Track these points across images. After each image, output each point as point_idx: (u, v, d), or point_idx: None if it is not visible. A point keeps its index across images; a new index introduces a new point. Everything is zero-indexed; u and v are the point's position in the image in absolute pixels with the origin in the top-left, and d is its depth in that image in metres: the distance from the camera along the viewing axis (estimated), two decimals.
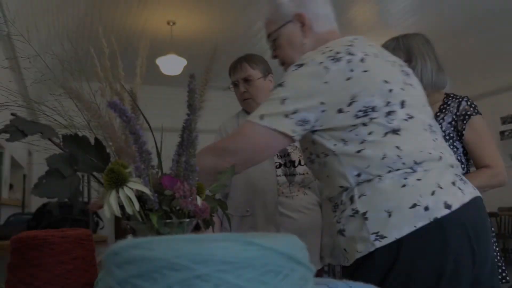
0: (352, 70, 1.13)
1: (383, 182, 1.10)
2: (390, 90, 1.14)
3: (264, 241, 0.47)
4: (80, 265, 0.93)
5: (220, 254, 0.45)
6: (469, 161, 1.86)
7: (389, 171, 1.11)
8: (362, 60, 1.15)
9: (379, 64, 1.19)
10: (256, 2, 5.21)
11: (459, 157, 1.80)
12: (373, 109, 1.12)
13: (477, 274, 1.09)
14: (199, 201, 0.79)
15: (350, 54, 1.15)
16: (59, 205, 3.66)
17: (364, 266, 1.10)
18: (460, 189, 1.12)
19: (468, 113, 1.79)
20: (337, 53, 1.15)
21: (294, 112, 1.11)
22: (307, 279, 0.51)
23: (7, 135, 0.73)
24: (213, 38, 6.22)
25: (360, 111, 1.11)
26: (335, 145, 1.14)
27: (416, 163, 1.11)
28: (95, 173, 0.82)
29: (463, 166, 1.82)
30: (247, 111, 2.07)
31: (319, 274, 2.01)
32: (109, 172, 0.72)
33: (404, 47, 1.89)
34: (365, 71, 1.14)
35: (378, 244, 1.06)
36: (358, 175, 1.13)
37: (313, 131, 1.17)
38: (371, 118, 1.11)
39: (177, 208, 0.76)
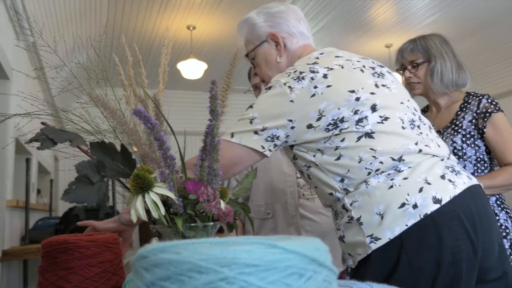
0: (316, 87, 1.17)
1: (371, 186, 1.13)
2: (357, 99, 1.17)
3: (287, 244, 0.48)
4: (108, 268, 0.95)
5: (245, 257, 0.46)
6: (492, 160, 1.83)
7: (369, 173, 1.14)
8: (324, 76, 1.19)
9: (344, 76, 1.22)
10: None
11: (481, 156, 1.78)
12: (342, 119, 1.15)
13: (482, 263, 1.09)
14: (222, 204, 0.81)
15: (312, 72, 1.20)
16: (85, 209, 3.74)
17: (364, 268, 1.13)
18: (450, 181, 1.13)
19: (489, 110, 1.76)
20: (301, 72, 1.20)
21: (263, 129, 1.17)
22: (330, 281, 0.52)
23: (38, 144, 0.76)
24: (232, 41, 6.26)
25: (329, 124, 1.15)
26: (314, 156, 1.19)
27: (394, 160, 1.13)
28: (121, 179, 0.85)
29: (486, 164, 1.79)
30: None
31: (342, 276, 2.01)
32: (135, 178, 0.75)
33: (422, 48, 1.88)
34: (329, 86, 1.17)
35: (374, 246, 1.10)
36: (341, 180, 1.17)
37: (291, 146, 1.23)
38: (342, 129, 1.15)
39: (201, 212, 0.78)
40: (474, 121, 1.78)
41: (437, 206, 1.07)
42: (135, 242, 3.51)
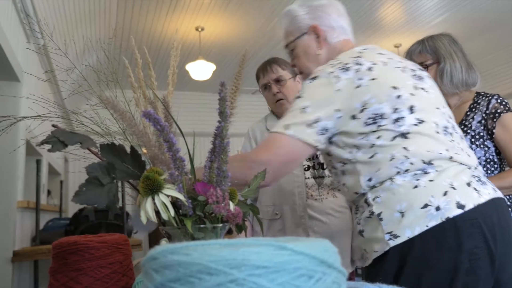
0: (360, 79, 1.18)
1: (396, 183, 1.14)
2: (398, 96, 1.18)
3: (297, 246, 0.48)
4: (118, 269, 0.96)
5: (254, 259, 0.46)
6: (502, 161, 1.81)
7: (398, 172, 1.14)
8: (369, 69, 1.20)
9: (387, 72, 1.23)
10: (283, 6, 5.22)
11: (491, 156, 1.76)
12: (382, 116, 1.16)
13: (499, 275, 1.09)
14: (231, 206, 0.81)
15: (358, 64, 1.21)
16: (95, 210, 3.76)
17: (380, 265, 1.14)
18: (475, 190, 1.13)
19: (498, 111, 1.75)
20: (346, 64, 1.22)
21: (316, 121, 1.17)
22: (339, 283, 0.52)
23: (49, 146, 0.77)
24: (241, 42, 6.27)
25: (369, 118, 1.16)
26: (350, 152, 1.19)
27: (425, 163, 1.14)
28: (131, 180, 0.85)
29: (495, 165, 1.78)
30: (276, 115, 2.08)
31: (350, 277, 2.00)
32: (145, 180, 0.75)
33: (430, 49, 1.87)
34: (373, 79, 1.18)
35: (392, 243, 1.10)
36: (369, 179, 1.18)
37: (330, 142, 1.23)
38: (379, 125, 1.16)
39: (211, 213, 0.78)
40: (483, 121, 1.77)
41: (460, 211, 1.07)
42: (144, 243, 3.52)
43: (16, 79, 3.17)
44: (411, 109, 1.18)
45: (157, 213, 0.78)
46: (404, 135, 1.16)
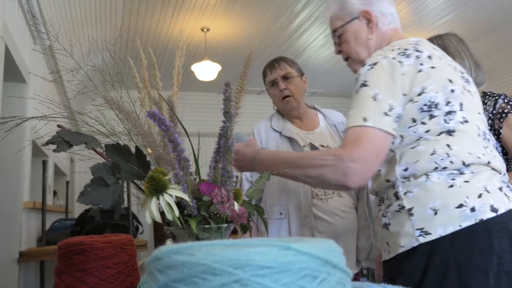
0: (421, 64, 1.18)
1: (431, 180, 1.13)
2: (452, 90, 1.18)
3: (301, 246, 0.48)
4: (123, 269, 0.96)
5: (258, 259, 0.46)
6: (510, 161, 1.80)
7: (436, 168, 1.14)
8: (429, 57, 1.21)
9: (443, 65, 1.23)
10: (289, 7, 5.23)
11: None
12: (436, 106, 1.15)
13: None
14: (236, 206, 0.81)
15: (417, 51, 1.21)
16: (101, 210, 3.78)
17: (406, 260, 1.13)
18: (506, 195, 1.14)
19: (505, 111, 1.74)
20: (406, 49, 1.21)
21: (391, 109, 1.15)
22: (344, 283, 0.51)
23: (54, 146, 0.77)
24: (246, 43, 6.27)
25: (425, 105, 1.15)
26: (393, 142, 1.18)
27: (464, 164, 1.14)
28: (136, 181, 0.85)
29: None
30: (281, 113, 2.06)
31: (355, 278, 1.99)
32: (149, 180, 0.75)
33: (439, 47, 1.86)
34: (433, 67, 1.19)
35: (422, 240, 1.10)
36: (406, 169, 1.17)
37: None
38: (432, 116, 1.15)
39: (215, 213, 0.78)
40: (490, 121, 1.76)
41: (493, 214, 1.08)
42: (149, 243, 3.53)
43: (23, 80, 3.19)
44: (461, 106, 1.18)
45: (162, 213, 0.78)
46: (450, 132, 1.15)
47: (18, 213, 3.05)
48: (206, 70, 6.08)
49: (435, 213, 1.10)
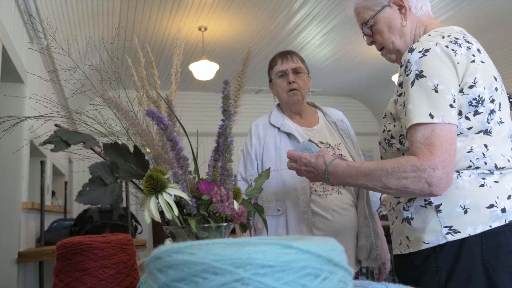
0: (473, 56, 1.14)
1: (462, 178, 1.12)
2: (496, 89, 1.16)
3: (303, 244, 0.47)
4: (122, 269, 0.96)
5: (260, 258, 0.45)
6: None
7: (469, 167, 1.12)
8: (478, 50, 1.18)
9: (489, 61, 1.20)
10: (286, 6, 5.23)
11: None
12: (482, 102, 1.13)
13: None
14: (236, 205, 0.80)
15: (467, 42, 1.17)
16: (99, 211, 3.77)
17: (433, 258, 1.12)
18: None
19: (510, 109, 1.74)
20: (456, 39, 1.17)
21: (454, 100, 1.10)
22: (346, 282, 0.51)
23: (52, 146, 0.77)
24: (244, 42, 6.26)
25: (474, 99, 1.12)
26: None
27: (496, 166, 1.13)
28: (134, 180, 0.85)
29: None
30: (281, 108, 2.03)
31: (356, 276, 1.98)
32: (148, 179, 0.75)
33: None
34: (482, 61, 1.16)
35: (450, 238, 1.09)
36: None
37: None
38: (476, 112, 1.13)
39: (215, 212, 0.78)
40: None
41: None
42: (148, 243, 3.52)
43: (20, 80, 3.18)
44: (499, 106, 1.17)
45: (161, 212, 0.77)
46: (488, 132, 1.14)
47: (16, 213, 3.04)
48: (204, 70, 6.07)
49: (465, 212, 1.09)
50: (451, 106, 1.08)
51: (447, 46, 1.13)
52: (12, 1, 2.97)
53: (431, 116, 1.07)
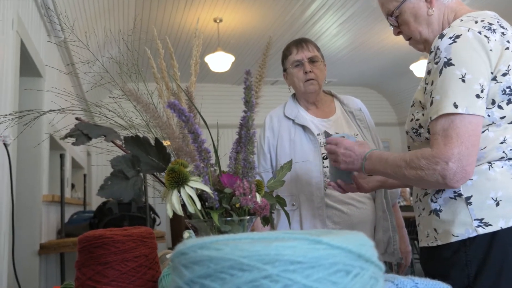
0: (508, 42, 1.11)
1: (494, 170, 1.09)
2: None
3: (333, 240, 0.46)
4: (144, 262, 0.95)
5: (288, 254, 0.44)
6: None
7: (502, 158, 1.09)
8: None
9: None
10: None
11: None
12: None
13: None
14: (258, 198, 0.79)
15: (502, 27, 1.13)
16: (118, 203, 3.80)
17: (462, 251, 1.09)
18: None
19: None
20: (490, 24, 1.12)
21: (482, 90, 1.06)
22: (377, 278, 0.49)
23: (73, 139, 0.76)
24: (259, 33, 6.23)
25: (508, 87, 1.09)
26: None
27: None
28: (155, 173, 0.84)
29: None
30: (297, 98, 1.99)
31: None
32: (170, 172, 0.73)
33: None
34: None
35: (481, 231, 1.06)
36: None
37: None
38: (510, 101, 1.09)
39: (237, 205, 0.76)
40: None
41: None
42: (166, 234, 3.54)
43: (38, 74, 3.21)
44: None
45: (183, 205, 0.76)
46: None
47: (37, 206, 3.09)
48: (220, 61, 6.05)
49: (497, 204, 1.06)
50: (477, 96, 1.05)
51: (480, 32, 1.09)
52: None
53: (455, 106, 1.05)
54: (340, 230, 0.55)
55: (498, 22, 1.14)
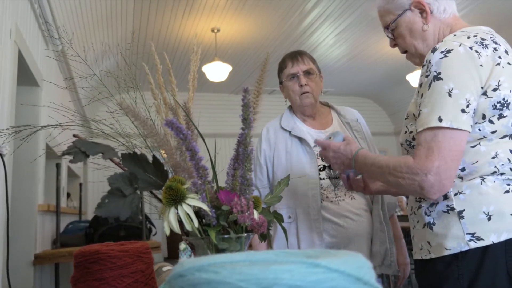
0: (500, 58, 1.11)
1: (486, 184, 1.10)
2: None
3: (330, 263, 0.46)
4: (140, 278, 0.94)
5: (286, 278, 0.43)
6: None
7: (493, 173, 1.10)
8: (506, 51, 1.14)
9: None
10: (299, 6, 5.20)
11: None
12: (508, 106, 1.10)
13: None
14: (256, 215, 0.79)
15: (494, 43, 1.14)
16: None
17: (455, 265, 1.10)
18: None
19: None
20: (483, 39, 1.14)
21: (468, 105, 1.07)
22: None
23: (70, 157, 0.76)
24: (257, 43, 6.25)
25: (498, 102, 1.09)
26: None
27: None
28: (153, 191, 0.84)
29: None
30: (293, 110, 1.99)
31: None
32: (168, 190, 0.73)
33: None
34: (509, 63, 1.13)
35: (473, 245, 1.07)
36: (463, 169, 1.12)
37: None
38: (501, 116, 1.10)
39: (235, 222, 0.76)
40: None
41: None
42: (162, 245, 3.52)
43: (36, 84, 3.21)
44: None
45: (180, 222, 0.76)
46: None
47: (33, 216, 3.07)
48: (217, 71, 6.07)
49: (489, 219, 1.07)
50: (463, 111, 1.06)
51: (471, 48, 1.10)
52: (28, 5, 2.99)
53: (440, 120, 1.06)
54: (338, 251, 0.55)
55: (491, 37, 1.15)
